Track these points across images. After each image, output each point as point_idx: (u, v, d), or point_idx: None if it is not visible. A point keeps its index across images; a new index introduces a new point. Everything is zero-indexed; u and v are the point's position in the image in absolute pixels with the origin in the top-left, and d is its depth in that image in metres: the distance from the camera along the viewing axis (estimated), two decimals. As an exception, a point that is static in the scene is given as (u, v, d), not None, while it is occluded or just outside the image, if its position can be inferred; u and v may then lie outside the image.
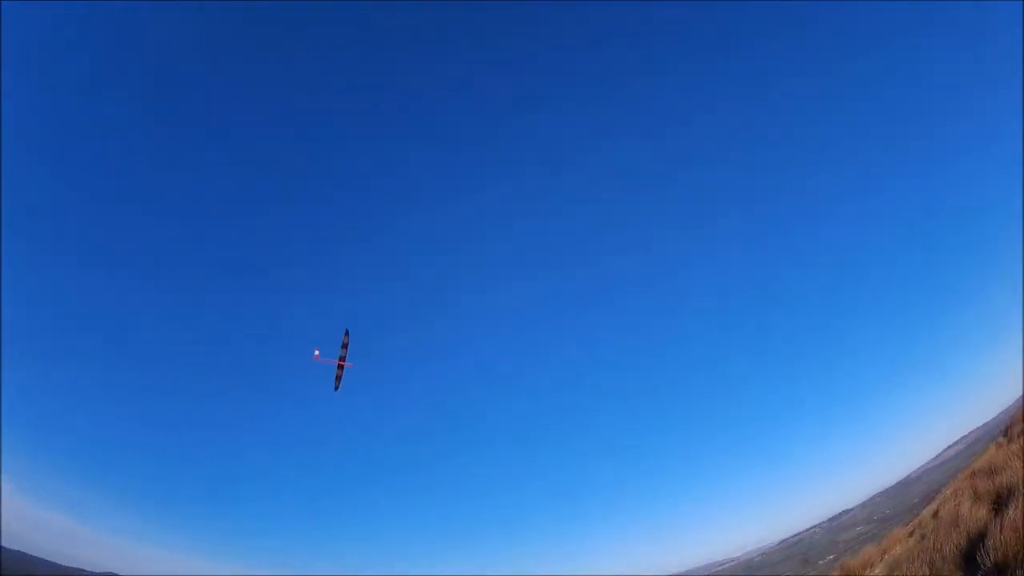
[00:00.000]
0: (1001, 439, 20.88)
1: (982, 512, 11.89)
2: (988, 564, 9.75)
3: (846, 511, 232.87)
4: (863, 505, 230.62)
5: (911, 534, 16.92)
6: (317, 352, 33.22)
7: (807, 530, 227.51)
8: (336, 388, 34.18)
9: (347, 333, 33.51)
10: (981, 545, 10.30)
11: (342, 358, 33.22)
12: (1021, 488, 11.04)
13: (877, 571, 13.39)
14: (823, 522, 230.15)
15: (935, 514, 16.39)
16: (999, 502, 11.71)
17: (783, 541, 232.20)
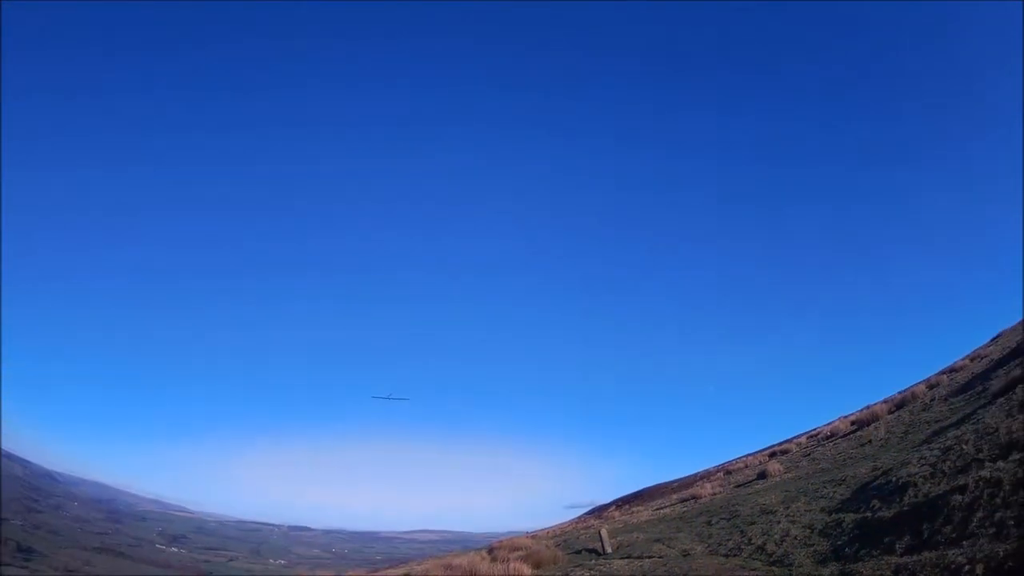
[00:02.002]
0: (485, 553, 22.69)
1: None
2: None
3: (307, 528, 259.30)
4: (326, 532, 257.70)
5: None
6: (390, 393, 78.68)
7: (266, 524, 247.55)
8: (375, 396, 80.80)
9: (407, 399, 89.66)
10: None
11: (393, 397, 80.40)
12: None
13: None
14: (284, 525, 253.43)
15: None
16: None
17: (241, 521, 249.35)
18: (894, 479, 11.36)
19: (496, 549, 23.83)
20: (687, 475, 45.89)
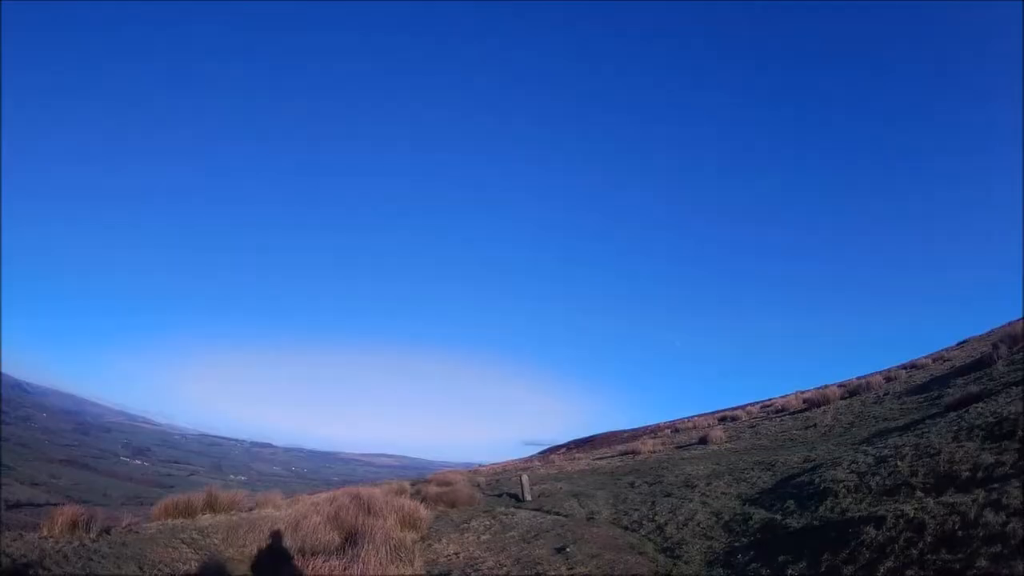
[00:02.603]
0: (408, 485, 22.12)
1: (332, 536, 11.22)
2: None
3: (269, 445, 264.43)
4: (287, 449, 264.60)
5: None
6: None
7: (229, 439, 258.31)
8: None
9: None
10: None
11: None
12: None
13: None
14: (247, 440, 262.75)
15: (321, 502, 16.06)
16: (352, 538, 11.06)
17: (204, 435, 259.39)
18: (818, 480, 10.23)
19: (429, 482, 23.53)
20: (641, 426, 46.16)
